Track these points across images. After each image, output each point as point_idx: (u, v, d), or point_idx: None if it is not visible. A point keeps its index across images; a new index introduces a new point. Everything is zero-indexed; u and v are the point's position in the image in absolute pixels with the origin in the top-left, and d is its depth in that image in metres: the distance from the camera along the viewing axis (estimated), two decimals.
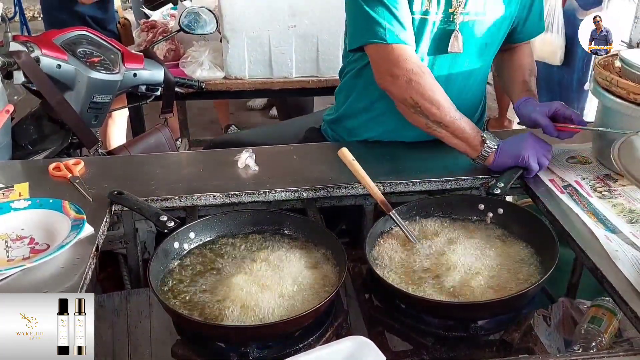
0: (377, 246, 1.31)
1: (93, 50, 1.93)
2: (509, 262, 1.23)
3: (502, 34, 1.60)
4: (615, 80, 1.39)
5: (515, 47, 1.73)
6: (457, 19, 1.49)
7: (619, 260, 1.16)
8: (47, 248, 1.21)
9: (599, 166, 1.51)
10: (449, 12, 1.49)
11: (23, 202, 1.32)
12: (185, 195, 1.42)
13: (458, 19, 1.49)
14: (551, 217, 1.35)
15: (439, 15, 1.49)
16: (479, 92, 1.71)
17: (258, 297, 1.13)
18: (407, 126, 1.53)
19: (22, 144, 1.89)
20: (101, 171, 1.54)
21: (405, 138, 1.65)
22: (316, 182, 1.47)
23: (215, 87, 2.73)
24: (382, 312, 1.21)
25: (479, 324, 1.13)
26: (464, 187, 1.50)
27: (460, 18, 1.50)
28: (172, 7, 3.30)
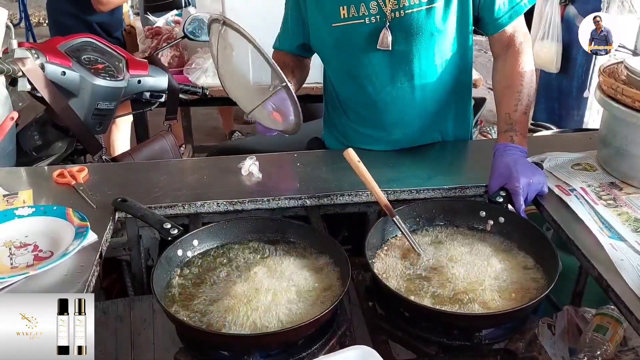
0: (380, 253, 1.30)
1: (98, 57, 1.94)
2: (512, 272, 1.23)
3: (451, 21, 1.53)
4: (620, 88, 1.39)
5: (507, 54, 1.58)
6: (388, 17, 1.50)
7: (624, 270, 1.15)
8: (50, 255, 1.21)
9: (604, 173, 1.50)
10: (382, 12, 1.51)
11: (27, 209, 1.32)
12: (188, 203, 1.42)
13: (389, 17, 1.50)
14: (555, 225, 1.34)
15: (372, 18, 1.51)
16: (453, 85, 1.64)
17: (261, 305, 1.13)
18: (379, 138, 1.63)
19: (27, 150, 1.89)
20: (105, 178, 1.54)
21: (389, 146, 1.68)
22: (319, 189, 1.47)
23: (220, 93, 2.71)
24: (386, 321, 1.20)
25: (482, 333, 1.13)
26: (467, 194, 1.49)
27: (392, 15, 1.50)
28: (176, 13, 3.32)
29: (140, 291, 1.59)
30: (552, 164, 1.54)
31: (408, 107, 1.63)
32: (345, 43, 1.57)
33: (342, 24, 1.53)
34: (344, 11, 1.52)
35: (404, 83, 1.59)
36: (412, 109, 1.63)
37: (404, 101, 1.61)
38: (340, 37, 1.56)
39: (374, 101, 1.62)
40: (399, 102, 1.62)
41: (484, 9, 1.55)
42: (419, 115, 1.65)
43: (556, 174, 1.50)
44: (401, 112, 1.63)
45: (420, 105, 1.63)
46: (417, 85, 1.59)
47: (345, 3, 1.51)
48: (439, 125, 1.69)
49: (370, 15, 1.51)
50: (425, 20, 1.51)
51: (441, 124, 1.69)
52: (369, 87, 1.61)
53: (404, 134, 1.66)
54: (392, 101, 1.61)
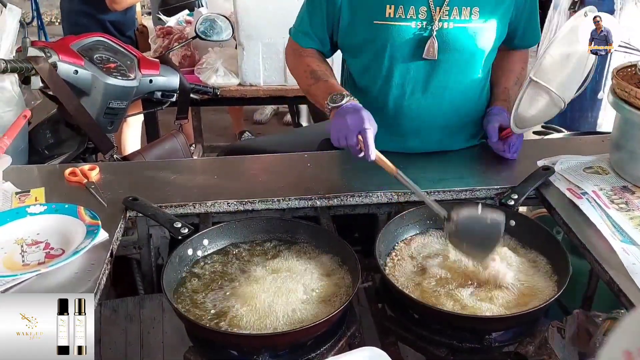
0: (390, 255, 1.30)
1: (110, 56, 1.94)
2: (523, 275, 1.22)
3: (492, 42, 1.57)
4: (634, 91, 1.37)
5: (510, 51, 1.73)
6: (435, 26, 1.49)
7: (636, 274, 1.14)
8: (62, 253, 1.22)
9: (616, 177, 1.49)
10: (431, 19, 1.49)
11: (39, 207, 1.33)
12: (199, 202, 1.42)
13: (436, 26, 1.49)
14: (567, 228, 1.34)
15: (419, 23, 1.50)
16: (477, 102, 1.67)
17: (271, 305, 1.13)
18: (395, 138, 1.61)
19: (39, 148, 1.90)
20: (116, 177, 1.55)
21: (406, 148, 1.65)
22: (329, 190, 1.47)
23: (230, 93, 2.75)
24: (395, 323, 1.20)
25: (493, 336, 1.12)
26: (478, 197, 1.48)
27: (440, 25, 1.49)
28: (188, 13, 3.33)
29: (150, 290, 1.60)
30: (564, 166, 1.53)
31: (431, 118, 1.61)
32: (384, 43, 1.53)
33: (386, 22, 1.50)
34: (391, 10, 1.49)
35: (435, 94, 1.58)
36: (434, 121, 1.62)
37: (429, 111, 1.60)
38: (381, 36, 1.52)
39: (400, 107, 1.60)
40: (423, 112, 1.60)
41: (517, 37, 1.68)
42: (438, 127, 1.64)
43: (568, 177, 1.49)
44: (423, 122, 1.62)
45: (442, 118, 1.62)
46: (447, 98, 1.59)
47: (393, 2, 1.49)
48: (457, 140, 1.69)
49: (417, 20, 1.50)
50: (471, 36, 1.52)
51: (458, 139, 1.69)
52: (399, 92, 1.58)
53: (419, 143, 1.64)
54: (417, 109, 1.60)
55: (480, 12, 1.51)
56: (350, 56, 1.67)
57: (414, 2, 1.48)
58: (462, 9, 1.49)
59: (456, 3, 1.49)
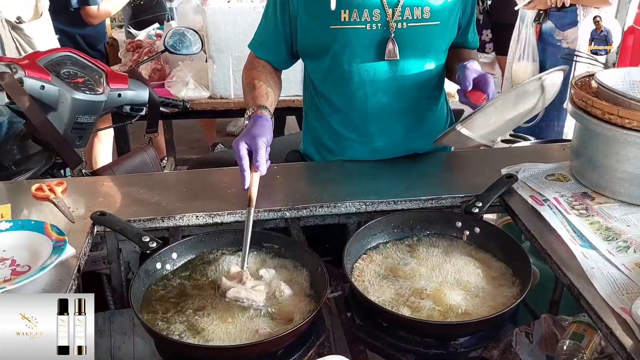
0: (358, 264, 1.32)
1: (77, 70, 1.94)
2: (487, 281, 1.25)
3: (445, 39, 1.64)
4: (591, 100, 1.42)
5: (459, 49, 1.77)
6: (391, 27, 1.54)
7: (595, 278, 1.17)
8: (28, 270, 1.21)
9: (576, 184, 1.53)
10: (385, 21, 1.54)
11: (5, 223, 1.32)
12: (167, 216, 1.42)
13: (392, 27, 1.54)
14: (529, 235, 1.37)
15: (374, 25, 1.54)
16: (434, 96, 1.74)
17: (240, 317, 1.14)
18: None
19: (6, 164, 1.89)
20: (84, 192, 1.54)
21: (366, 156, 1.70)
22: (299, 201, 1.49)
23: (201, 106, 2.75)
24: (364, 331, 1.22)
25: (458, 342, 1.15)
26: (444, 205, 1.51)
27: (394, 25, 1.54)
28: (158, 27, 3.33)
29: (121, 304, 1.59)
30: (526, 174, 1.57)
31: (395, 117, 1.67)
32: (342, 47, 1.57)
33: (342, 27, 1.54)
34: (345, 14, 1.53)
35: (396, 93, 1.63)
36: (399, 119, 1.67)
37: (393, 110, 1.65)
38: (338, 40, 1.56)
39: (364, 107, 1.65)
40: (387, 111, 1.65)
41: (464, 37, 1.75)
42: (403, 125, 1.69)
43: (530, 184, 1.53)
44: (388, 121, 1.67)
45: (406, 116, 1.68)
46: (408, 96, 1.64)
47: (347, 7, 1.52)
48: (420, 136, 1.72)
49: (372, 22, 1.54)
50: (427, 35, 1.58)
51: (422, 135, 1.72)
52: (361, 93, 1.63)
53: (386, 142, 1.69)
54: (381, 109, 1.64)
55: (431, 11, 1.56)
56: (311, 61, 1.70)
57: (367, 5, 1.53)
58: (414, 9, 1.54)
59: (408, 4, 1.54)
